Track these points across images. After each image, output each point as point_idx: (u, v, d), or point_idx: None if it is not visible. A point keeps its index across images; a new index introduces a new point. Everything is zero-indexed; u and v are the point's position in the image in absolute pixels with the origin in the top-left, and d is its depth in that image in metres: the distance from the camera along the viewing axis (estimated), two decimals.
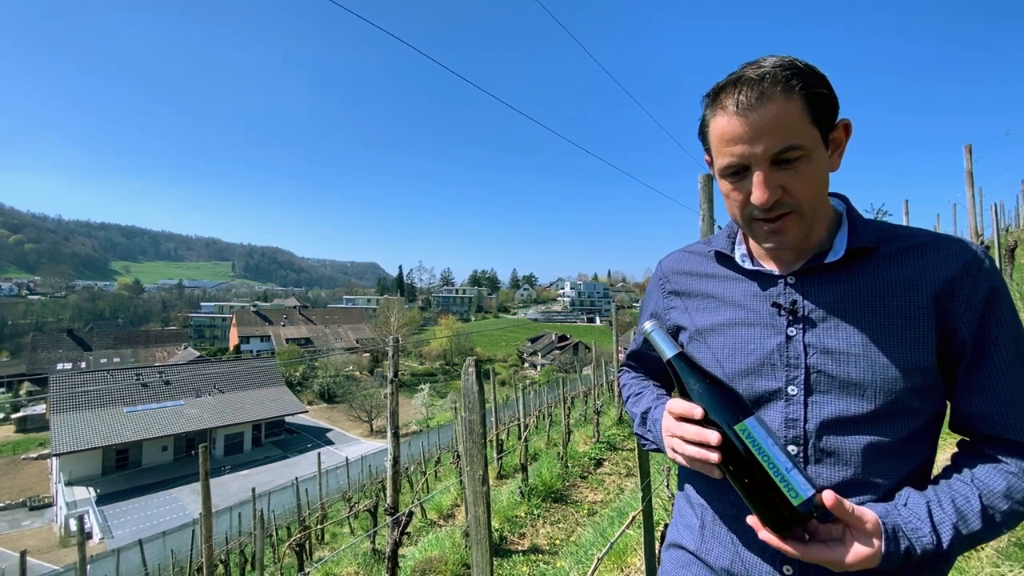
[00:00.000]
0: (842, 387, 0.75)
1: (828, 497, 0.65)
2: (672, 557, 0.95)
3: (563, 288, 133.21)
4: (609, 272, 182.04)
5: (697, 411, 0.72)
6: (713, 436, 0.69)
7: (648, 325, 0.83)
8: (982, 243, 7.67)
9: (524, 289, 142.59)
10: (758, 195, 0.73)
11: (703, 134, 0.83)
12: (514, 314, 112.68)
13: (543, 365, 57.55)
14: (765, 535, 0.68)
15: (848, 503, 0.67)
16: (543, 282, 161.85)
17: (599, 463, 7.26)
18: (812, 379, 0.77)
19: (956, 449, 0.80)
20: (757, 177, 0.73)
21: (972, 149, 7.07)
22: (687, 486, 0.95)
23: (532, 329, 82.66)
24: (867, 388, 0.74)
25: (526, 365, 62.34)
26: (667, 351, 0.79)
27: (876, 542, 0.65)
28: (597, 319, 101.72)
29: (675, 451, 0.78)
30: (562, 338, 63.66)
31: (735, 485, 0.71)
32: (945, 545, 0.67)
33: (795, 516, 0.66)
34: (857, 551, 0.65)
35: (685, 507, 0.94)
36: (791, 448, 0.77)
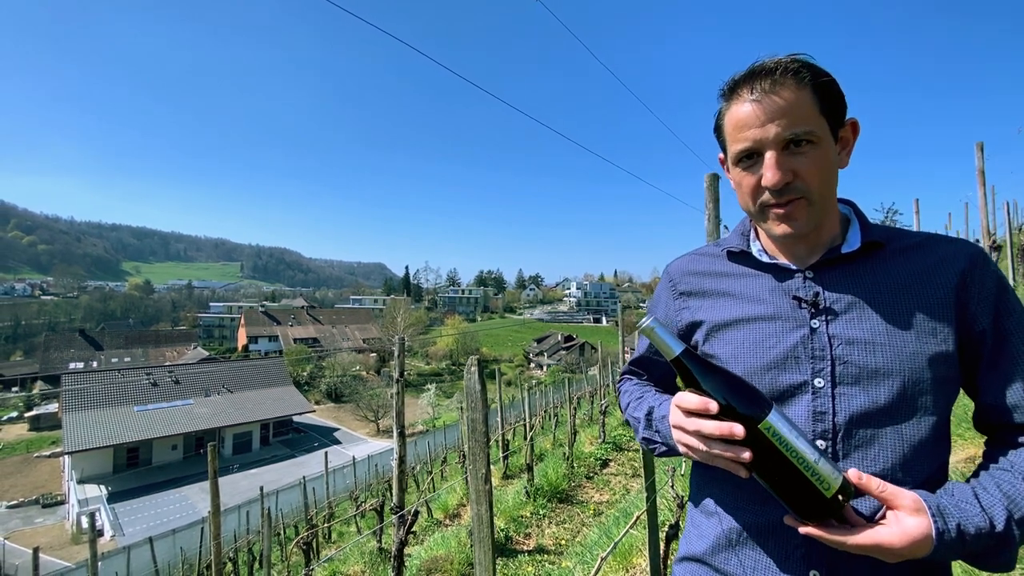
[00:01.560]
0: (870, 377, 0.75)
1: (852, 475, 0.66)
2: (686, 570, 0.91)
3: (569, 288, 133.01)
4: (616, 272, 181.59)
5: (712, 405, 0.69)
6: (739, 429, 0.67)
7: (648, 321, 0.76)
8: (994, 242, 7.57)
9: (530, 289, 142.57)
10: (769, 176, 0.75)
11: (718, 127, 0.85)
12: (520, 314, 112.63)
13: (549, 365, 57.49)
14: (807, 530, 0.67)
15: (876, 479, 0.66)
16: (549, 282, 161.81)
17: (605, 463, 7.25)
18: (839, 370, 0.76)
19: (985, 448, 0.80)
20: (768, 159, 0.75)
21: (984, 147, 6.98)
22: (700, 495, 0.92)
23: (538, 329, 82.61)
24: (895, 377, 0.73)
25: (532, 365, 62.31)
26: (674, 348, 0.73)
27: (924, 519, 0.64)
28: (603, 319, 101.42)
29: (691, 449, 0.74)
30: (568, 338, 63.53)
31: (761, 481, 0.70)
32: (999, 527, 0.64)
33: (829, 506, 0.65)
34: (907, 530, 0.63)
35: (699, 517, 0.91)
36: (819, 443, 0.76)
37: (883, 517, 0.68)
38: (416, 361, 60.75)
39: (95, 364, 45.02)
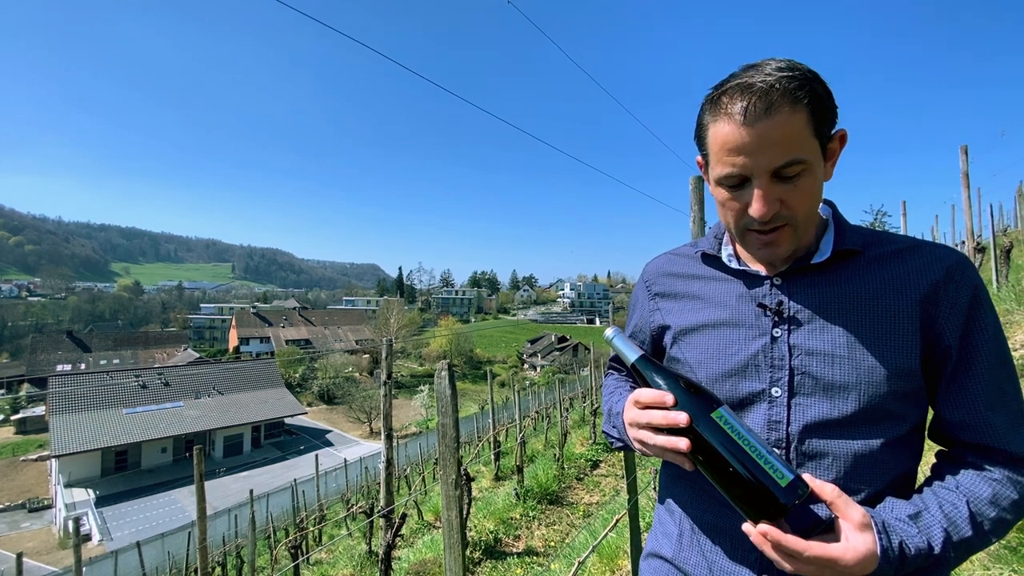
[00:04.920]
0: (826, 389, 0.74)
1: (808, 477, 0.64)
2: (650, 567, 0.93)
3: (563, 289, 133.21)
4: (609, 273, 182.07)
5: (669, 398, 0.70)
6: (682, 417, 0.67)
7: (609, 332, 0.81)
8: (978, 244, 7.67)
9: (524, 290, 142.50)
10: (757, 208, 0.72)
11: (700, 137, 0.80)
12: (514, 315, 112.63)
13: (543, 366, 57.54)
14: (760, 528, 0.63)
15: (832, 486, 0.64)
16: (543, 283, 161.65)
17: (596, 465, 7.25)
18: (796, 381, 0.76)
19: (935, 460, 0.79)
20: (758, 191, 0.71)
21: (968, 150, 7.06)
22: (666, 494, 0.93)
23: (532, 330, 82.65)
24: (851, 391, 0.72)
25: (526, 366, 62.31)
26: (630, 355, 0.77)
27: (870, 536, 0.62)
28: (597, 320, 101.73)
29: (644, 444, 0.75)
30: (562, 339, 63.64)
31: (714, 479, 0.68)
32: (936, 549, 0.64)
33: (781, 504, 0.62)
34: (855, 546, 0.62)
35: (664, 515, 0.93)
36: (774, 451, 0.75)
37: (829, 530, 0.65)
38: (409, 362, 60.54)
39: (83, 366, 44.41)
